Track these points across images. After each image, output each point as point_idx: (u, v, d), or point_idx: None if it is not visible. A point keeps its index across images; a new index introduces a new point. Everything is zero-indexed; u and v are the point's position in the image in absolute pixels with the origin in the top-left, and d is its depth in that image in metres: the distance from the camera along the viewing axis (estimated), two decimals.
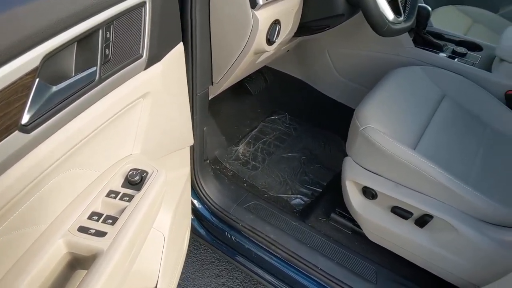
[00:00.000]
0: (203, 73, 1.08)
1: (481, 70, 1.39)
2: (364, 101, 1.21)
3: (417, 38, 1.52)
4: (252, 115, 1.82)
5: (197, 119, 1.14)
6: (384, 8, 1.09)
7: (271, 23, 1.04)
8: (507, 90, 1.35)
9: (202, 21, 0.98)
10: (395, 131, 1.12)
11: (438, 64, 1.44)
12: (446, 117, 1.25)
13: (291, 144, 1.69)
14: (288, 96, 1.89)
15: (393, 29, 1.09)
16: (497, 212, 0.98)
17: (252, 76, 1.78)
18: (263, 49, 1.07)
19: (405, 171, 1.05)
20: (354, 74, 1.65)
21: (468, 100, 1.34)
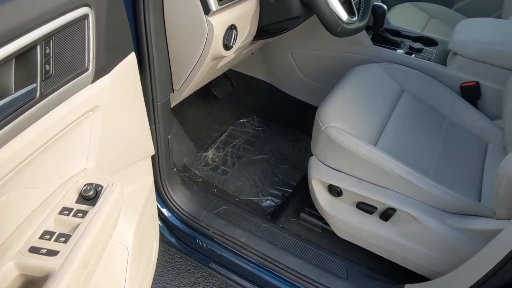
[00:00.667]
0: (162, 81, 1.08)
1: (437, 65, 1.44)
2: (325, 101, 1.23)
3: (375, 36, 1.56)
4: (220, 119, 1.82)
5: (159, 128, 1.13)
6: (337, 9, 1.11)
7: (227, 28, 1.04)
8: (462, 82, 1.40)
9: (156, 29, 0.98)
10: (356, 128, 1.14)
11: (396, 60, 1.48)
12: (405, 111, 1.29)
13: (260, 146, 1.70)
14: (256, 98, 1.90)
15: (347, 29, 1.11)
16: (456, 201, 1.02)
17: (218, 80, 1.78)
18: (221, 55, 1.07)
19: (367, 167, 1.07)
20: (317, 74, 1.67)
21: (426, 94, 1.38)
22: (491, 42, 1.32)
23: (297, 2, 1.13)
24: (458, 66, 1.40)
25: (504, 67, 1.32)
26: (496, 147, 1.29)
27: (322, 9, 1.01)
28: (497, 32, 1.40)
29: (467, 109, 1.35)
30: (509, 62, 1.30)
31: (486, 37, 1.35)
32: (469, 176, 1.14)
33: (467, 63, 1.37)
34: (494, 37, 1.35)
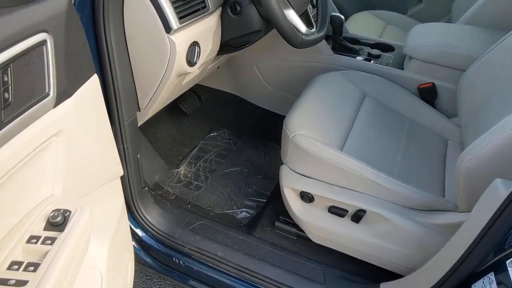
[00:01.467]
0: (128, 100, 1.07)
1: (394, 69, 1.51)
2: (291, 110, 1.26)
3: (335, 45, 1.61)
4: (190, 134, 1.82)
5: (128, 147, 1.12)
6: (296, 22, 1.15)
7: (189, 45, 1.06)
8: (419, 84, 1.47)
9: (119, 50, 0.98)
10: (322, 135, 1.18)
11: (356, 67, 1.54)
12: (368, 115, 1.33)
13: (233, 159, 1.71)
14: (225, 111, 1.91)
15: (307, 40, 1.15)
16: (422, 198, 1.06)
17: (185, 96, 1.78)
18: (185, 71, 1.08)
19: (335, 171, 1.10)
20: (282, 84, 1.71)
21: (386, 97, 1.44)
22: (443, 45, 1.40)
23: (257, 16, 1.17)
24: (414, 69, 1.47)
25: (456, 68, 1.40)
26: (455, 143, 1.36)
27: (281, 23, 1.04)
28: (448, 35, 1.49)
29: (425, 109, 1.42)
30: (460, 62, 1.38)
31: (438, 41, 1.43)
32: (433, 173, 1.19)
33: (422, 66, 1.44)
34: (445, 40, 1.43)
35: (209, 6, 1.09)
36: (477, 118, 1.23)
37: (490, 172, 0.88)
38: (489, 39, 1.44)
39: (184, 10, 1.01)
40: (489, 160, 0.88)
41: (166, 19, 0.96)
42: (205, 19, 1.10)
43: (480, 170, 0.90)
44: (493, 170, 0.88)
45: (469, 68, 1.30)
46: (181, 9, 1.00)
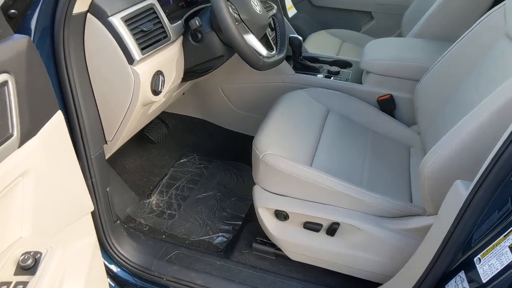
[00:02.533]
0: (94, 134, 1.06)
1: (354, 84, 1.57)
2: (259, 131, 1.28)
3: (296, 65, 1.67)
4: (160, 163, 1.80)
5: (96, 181, 1.10)
6: (256, 46, 1.18)
7: (153, 74, 1.07)
8: (378, 96, 1.54)
9: (82, 84, 0.97)
10: (291, 152, 1.20)
11: (318, 84, 1.59)
12: (333, 130, 1.38)
13: (205, 184, 1.70)
14: (193, 136, 1.91)
15: (268, 63, 1.19)
16: (391, 206, 1.10)
17: (152, 124, 1.77)
18: (151, 100, 1.09)
19: (306, 187, 1.13)
20: (248, 105, 1.74)
21: (349, 111, 1.49)
22: (396, 58, 1.48)
23: (218, 42, 1.20)
24: (372, 83, 1.54)
25: (410, 79, 1.48)
26: (417, 150, 1.42)
27: (242, 48, 1.07)
28: (400, 48, 1.58)
29: (386, 119, 1.49)
30: (413, 73, 1.46)
31: (391, 55, 1.51)
32: (399, 180, 1.24)
33: (379, 79, 1.52)
34: (398, 53, 1.52)
35: (170, 36, 1.10)
36: (436, 124, 1.30)
37: (451, 174, 0.93)
38: (437, 50, 1.54)
39: (145, 41, 1.02)
40: (449, 163, 0.93)
41: (128, 51, 0.97)
42: (167, 48, 1.11)
43: (442, 173, 0.95)
44: (453, 172, 0.93)
45: (422, 78, 1.38)
46: (143, 40, 1.01)
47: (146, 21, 1.03)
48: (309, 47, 2.07)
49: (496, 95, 0.88)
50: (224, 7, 1.02)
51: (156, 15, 1.07)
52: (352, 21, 2.42)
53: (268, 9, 1.32)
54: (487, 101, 0.90)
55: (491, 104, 0.87)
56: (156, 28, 1.07)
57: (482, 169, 0.78)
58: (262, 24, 1.21)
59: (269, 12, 1.32)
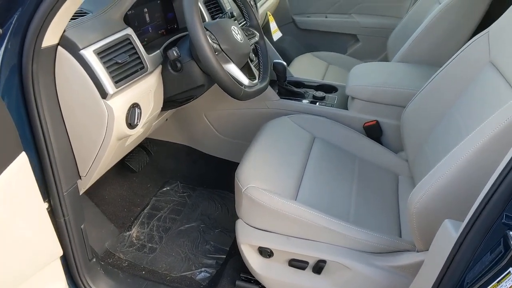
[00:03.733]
0: (66, 170, 1.00)
1: (339, 109, 1.54)
2: (242, 162, 1.23)
3: (281, 90, 1.64)
4: (141, 192, 1.74)
5: (69, 219, 1.04)
6: (237, 76, 1.15)
7: (129, 107, 1.02)
8: (364, 122, 1.51)
9: (53, 120, 0.92)
10: (275, 185, 1.16)
11: (303, 110, 1.56)
12: (319, 158, 1.34)
13: (188, 214, 1.64)
14: (176, 163, 1.86)
15: (250, 92, 1.15)
16: (379, 241, 1.05)
17: (133, 152, 1.72)
18: (126, 134, 1.04)
19: (291, 223, 1.08)
20: (233, 131, 1.70)
21: (335, 138, 1.46)
22: (382, 84, 1.46)
23: (199, 71, 1.16)
24: (358, 109, 1.51)
25: (396, 105, 1.45)
26: (405, 178, 1.39)
27: (222, 79, 1.03)
28: (385, 74, 1.56)
29: (373, 146, 1.45)
30: (399, 99, 1.44)
31: (377, 80, 1.49)
32: (387, 212, 1.20)
33: (364, 105, 1.49)
34: (383, 79, 1.50)
35: (147, 67, 1.06)
36: (424, 152, 1.27)
37: (439, 210, 0.89)
38: (422, 75, 1.53)
39: (120, 73, 0.98)
40: (436, 199, 0.90)
41: (101, 85, 0.93)
42: (144, 80, 1.07)
43: (430, 209, 0.91)
44: (442, 208, 0.89)
45: (408, 105, 1.35)
46: (117, 73, 0.97)
47: (121, 53, 0.99)
48: (294, 70, 2.05)
49: (482, 130, 0.85)
50: (202, 37, 0.99)
51: (132, 46, 1.03)
52: (337, 44, 2.42)
53: (250, 37, 1.29)
54: (473, 136, 0.86)
55: (477, 139, 0.84)
56: (132, 59, 1.02)
57: (473, 209, 0.75)
58: (244, 53, 1.18)
59: (251, 39, 1.29)
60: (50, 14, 0.81)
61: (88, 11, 1.00)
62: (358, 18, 2.30)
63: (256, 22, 1.33)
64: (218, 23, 1.13)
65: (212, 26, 1.11)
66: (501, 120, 0.82)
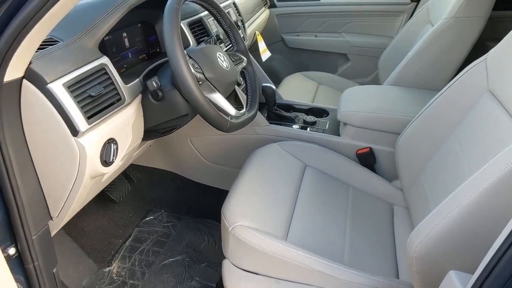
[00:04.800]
0: (35, 213, 0.91)
1: (331, 136, 1.48)
2: (229, 196, 1.15)
3: (270, 115, 1.57)
4: (123, 222, 1.64)
5: (39, 265, 0.94)
6: (223, 106, 1.07)
7: (103, 144, 0.93)
8: (357, 149, 1.45)
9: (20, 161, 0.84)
10: (264, 222, 1.08)
11: (293, 136, 1.49)
12: (311, 188, 1.27)
13: (172, 246, 1.55)
14: (161, 191, 1.77)
15: (237, 123, 1.08)
16: (375, 284, 0.98)
17: (114, 181, 1.62)
18: (100, 173, 0.95)
19: (282, 265, 0.99)
20: (220, 158, 1.62)
21: (327, 166, 1.39)
22: (374, 110, 1.40)
23: (182, 100, 1.08)
24: (350, 135, 1.45)
25: (390, 131, 1.39)
26: (400, 208, 1.32)
27: (206, 111, 0.96)
28: (378, 99, 1.50)
29: (366, 174, 1.39)
30: (394, 126, 1.38)
31: (369, 106, 1.43)
32: (383, 248, 1.13)
33: (357, 131, 1.43)
34: (376, 104, 1.44)
35: (124, 98, 0.98)
36: (420, 182, 1.21)
37: (442, 257, 0.82)
38: (417, 100, 1.47)
39: (94, 107, 0.89)
40: (440, 243, 0.82)
41: (71, 122, 0.84)
42: (121, 112, 0.99)
43: (432, 254, 0.84)
44: (445, 255, 0.82)
45: (403, 132, 1.29)
46: (90, 107, 0.89)
47: (95, 84, 0.91)
48: (284, 90, 1.99)
49: (487, 170, 0.79)
50: (183, 66, 0.91)
51: (108, 76, 0.95)
52: (328, 63, 2.37)
53: (237, 62, 1.22)
54: (477, 177, 0.80)
55: (482, 181, 0.78)
56: (108, 90, 0.94)
57: (484, 263, 0.67)
58: (230, 81, 1.11)
59: (239, 65, 1.22)
60: (13, 46, 0.73)
61: (59, 39, 0.91)
62: (348, 37, 2.26)
63: (243, 46, 1.27)
64: (203, 49, 1.06)
65: (195, 53, 1.04)
66: (508, 161, 0.75)
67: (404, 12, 2.13)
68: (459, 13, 1.49)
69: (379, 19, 2.18)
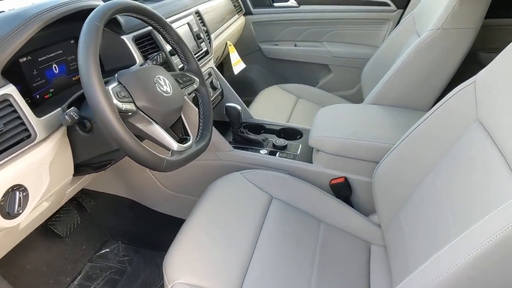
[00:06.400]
0: None
1: (302, 163, 1.31)
2: (173, 246, 0.98)
3: (236, 137, 1.40)
4: (74, 256, 1.46)
5: None
6: (162, 140, 0.90)
7: (4, 192, 0.76)
8: (331, 179, 1.28)
9: None
10: (212, 278, 0.91)
11: (260, 163, 1.33)
12: (276, 227, 1.10)
13: (126, 285, 1.37)
14: (119, 220, 1.59)
15: (179, 160, 0.90)
16: None
17: (60, 212, 1.45)
18: (2, 227, 0.78)
19: None
20: (180, 185, 1.45)
21: (296, 198, 1.22)
22: (349, 136, 1.23)
23: None
24: (323, 163, 1.28)
25: (367, 160, 1.23)
26: (378, 248, 1.16)
27: (130, 149, 0.78)
28: (355, 121, 1.34)
29: (341, 208, 1.22)
30: (371, 154, 1.22)
31: (344, 130, 1.26)
32: None
33: (331, 159, 1.26)
34: (351, 129, 1.27)
35: (35, 134, 0.81)
36: (398, 221, 1.05)
37: None
38: (400, 122, 1.31)
39: None
40: None
41: None
42: (32, 151, 0.81)
43: None
44: None
45: (381, 162, 1.13)
46: None
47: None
48: (258, 106, 1.82)
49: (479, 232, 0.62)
50: (100, 97, 0.74)
51: (13, 109, 0.78)
52: (308, 74, 2.20)
53: (187, 84, 1.05)
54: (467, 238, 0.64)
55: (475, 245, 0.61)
56: (12, 127, 0.77)
57: None
58: (172, 109, 0.93)
59: (188, 87, 1.05)
60: None
61: None
62: (330, 46, 2.08)
63: (195, 65, 1.09)
64: (136, 73, 0.89)
65: (125, 78, 0.86)
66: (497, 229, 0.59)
67: (389, 19, 1.96)
68: (446, 24, 1.32)
69: (363, 27, 2.01)
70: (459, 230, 0.79)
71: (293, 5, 2.07)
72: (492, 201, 0.74)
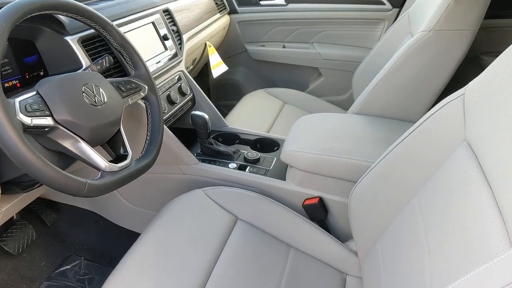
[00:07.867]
0: None
1: (274, 180, 1.17)
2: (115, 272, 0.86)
3: (204, 149, 1.27)
4: (30, 273, 1.35)
5: None
6: (90, 159, 0.78)
7: None
8: (305, 199, 1.14)
9: None
10: None
11: (226, 178, 1.20)
12: (237, 254, 0.97)
13: None
14: (83, 234, 1.48)
15: (108, 183, 0.77)
16: None
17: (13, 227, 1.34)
18: None
19: None
20: (142, 200, 1.33)
21: (263, 220, 1.09)
22: (323, 151, 1.09)
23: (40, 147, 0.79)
24: (296, 181, 1.14)
25: (344, 179, 1.09)
26: (354, 279, 1.02)
27: (39, 173, 0.66)
28: (334, 133, 1.19)
29: (314, 232, 1.08)
30: (348, 173, 1.07)
31: (319, 144, 1.12)
32: None
33: (304, 176, 1.12)
34: (328, 143, 1.13)
35: None
36: (375, 253, 0.91)
37: None
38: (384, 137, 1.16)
39: None
40: None
41: None
42: None
43: None
44: None
45: (358, 182, 0.98)
46: None
47: None
48: (240, 111, 1.69)
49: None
50: None
51: None
52: (298, 78, 2.05)
53: (131, 92, 0.92)
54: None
55: None
56: None
57: None
58: (104, 122, 0.80)
59: (133, 95, 0.92)
60: None
61: None
62: (320, 48, 1.93)
63: (144, 70, 0.97)
64: (58, 81, 0.76)
65: (45, 88, 0.74)
66: None
67: (384, 19, 1.80)
68: (439, 25, 1.17)
69: (356, 27, 1.86)
70: (434, 274, 0.65)
71: (281, 4, 1.92)
72: (470, 246, 0.60)
